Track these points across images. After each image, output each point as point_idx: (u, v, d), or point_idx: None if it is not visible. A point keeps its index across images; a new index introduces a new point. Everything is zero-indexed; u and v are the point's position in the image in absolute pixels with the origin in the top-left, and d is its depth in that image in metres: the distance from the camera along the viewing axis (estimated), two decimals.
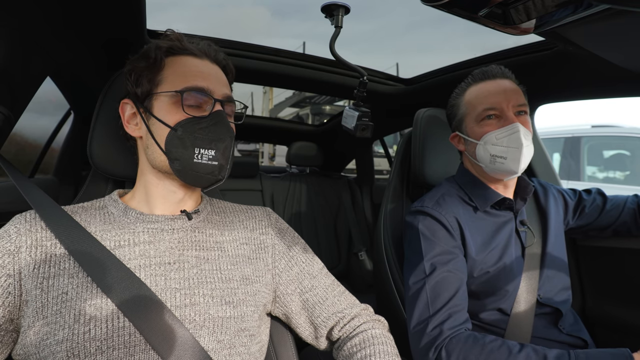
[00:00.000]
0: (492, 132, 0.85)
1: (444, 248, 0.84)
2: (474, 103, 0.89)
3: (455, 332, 0.76)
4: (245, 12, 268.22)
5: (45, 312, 0.52)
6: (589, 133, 3.83)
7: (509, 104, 0.84)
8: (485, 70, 0.90)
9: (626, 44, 0.68)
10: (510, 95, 0.85)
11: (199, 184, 0.63)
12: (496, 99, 0.85)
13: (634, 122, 7.36)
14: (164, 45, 0.64)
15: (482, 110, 0.86)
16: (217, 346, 0.57)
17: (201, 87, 0.61)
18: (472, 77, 0.92)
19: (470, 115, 0.89)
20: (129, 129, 0.65)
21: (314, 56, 1.30)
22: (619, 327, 1.07)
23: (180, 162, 0.60)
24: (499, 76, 0.88)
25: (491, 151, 0.85)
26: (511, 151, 0.82)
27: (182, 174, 0.61)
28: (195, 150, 0.59)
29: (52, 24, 0.74)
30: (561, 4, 0.48)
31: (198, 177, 0.61)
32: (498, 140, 0.84)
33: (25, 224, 0.57)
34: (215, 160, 0.60)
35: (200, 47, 0.66)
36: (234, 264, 0.66)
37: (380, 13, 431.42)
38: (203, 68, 0.64)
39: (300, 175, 2.23)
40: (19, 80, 0.77)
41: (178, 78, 0.62)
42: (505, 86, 0.86)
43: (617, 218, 1.00)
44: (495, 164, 0.85)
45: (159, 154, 0.62)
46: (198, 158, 0.59)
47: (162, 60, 0.63)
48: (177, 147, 0.60)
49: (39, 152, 1.35)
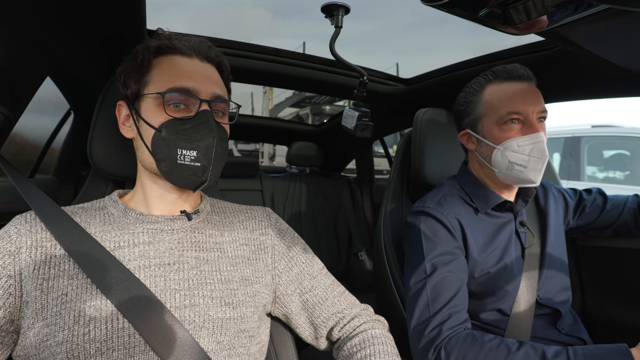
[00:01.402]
0: (514, 138, 0.81)
1: (445, 248, 0.84)
2: (496, 104, 0.84)
3: (454, 332, 0.76)
4: (246, 13, 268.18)
5: (45, 313, 0.52)
6: (589, 133, 3.83)
7: (534, 111, 0.81)
8: (510, 69, 0.84)
9: (626, 44, 0.68)
10: (536, 101, 0.81)
11: (185, 186, 0.61)
12: (521, 104, 0.81)
13: (634, 122, 7.37)
14: (153, 45, 0.63)
15: (505, 114, 0.82)
16: (217, 347, 0.57)
17: (186, 87, 0.60)
18: (493, 74, 0.86)
19: (490, 116, 0.85)
20: (123, 130, 0.65)
21: (314, 56, 1.30)
22: (619, 327, 1.07)
23: (166, 164, 0.59)
24: (525, 78, 0.83)
25: (510, 158, 0.81)
26: (533, 161, 0.79)
27: (168, 175, 0.60)
28: (178, 151, 0.58)
29: (52, 24, 0.73)
30: (561, 4, 0.48)
31: (183, 178, 0.60)
32: (520, 148, 0.80)
33: (26, 225, 0.57)
34: (198, 161, 0.59)
35: (191, 45, 0.64)
36: (234, 265, 0.65)
37: (380, 13, 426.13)
38: (190, 67, 0.63)
39: (300, 175, 2.23)
40: (19, 80, 0.77)
41: (164, 79, 0.61)
42: (531, 90, 0.83)
43: (618, 218, 1.00)
44: (513, 171, 0.82)
45: (147, 155, 0.62)
46: (181, 159, 0.59)
47: (150, 61, 0.63)
48: (162, 148, 0.59)
49: (39, 152, 1.35)
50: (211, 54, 0.66)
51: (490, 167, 0.87)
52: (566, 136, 3.89)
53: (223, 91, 0.66)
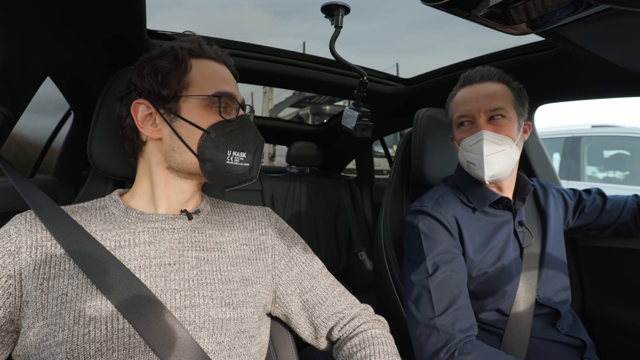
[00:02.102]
0: (466, 138, 0.87)
1: (445, 247, 0.85)
2: (453, 109, 0.92)
3: (469, 338, 0.77)
4: (246, 13, 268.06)
5: (45, 313, 0.52)
6: (589, 133, 3.83)
7: (480, 110, 0.85)
8: (467, 75, 0.91)
9: (626, 44, 0.68)
10: (482, 101, 0.85)
11: (226, 184, 0.64)
12: (468, 106, 0.87)
13: (634, 122, 7.36)
14: (187, 47, 0.64)
15: (457, 117, 0.90)
16: (217, 348, 0.57)
17: (230, 92, 0.64)
18: (459, 81, 0.93)
19: (453, 120, 0.93)
20: (145, 130, 0.63)
21: (314, 56, 1.30)
22: (619, 327, 1.07)
23: (213, 164, 0.61)
24: (476, 81, 0.89)
25: (466, 157, 0.87)
26: (477, 158, 0.84)
27: (212, 175, 0.62)
28: (227, 152, 0.61)
29: (52, 23, 0.73)
30: (561, 3, 0.48)
31: (228, 177, 0.62)
32: (470, 147, 0.86)
33: (26, 224, 0.57)
34: (247, 162, 0.62)
35: (215, 52, 0.67)
36: (234, 265, 0.65)
37: (380, 13, 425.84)
38: (224, 73, 0.67)
39: (300, 175, 2.23)
40: (19, 80, 0.77)
41: (207, 82, 0.63)
42: (480, 91, 0.87)
43: (617, 218, 1.00)
44: (470, 168, 0.88)
45: (189, 156, 0.62)
46: (230, 160, 0.61)
47: (188, 61, 0.63)
48: (211, 149, 0.61)
49: (39, 152, 1.35)
50: (228, 61, 0.70)
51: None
52: (566, 136, 3.89)
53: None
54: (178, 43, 0.65)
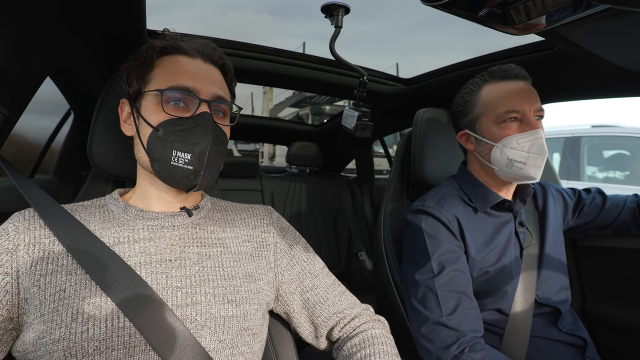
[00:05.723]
0: (513, 135, 0.82)
1: (449, 246, 0.85)
2: (494, 103, 0.85)
3: (478, 339, 0.77)
4: (246, 16, 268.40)
5: (42, 309, 0.52)
6: (589, 133, 3.83)
7: (531, 108, 0.82)
8: (506, 69, 0.86)
9: (626, 44, 0.68)
10: (533, 99, 0.83)
11: (176, 187, 0.61)
12: (519, 102, 0.82)
13: (634, 122, 7.37)
14: (158, 44, 0.63)
15: (503, 112, 0.83)
16: (219, 346, 0.57)
17: (186, 86, 0.59)
18: (489, 74, 0.88)
19: (488, 115, 0.86)
20: (124, 128, 0.66)
21: (314, 56, 1.30)
22: (619, 327, 1.07)
23: (159, 163, 0.59)
24: (520, 77, 0.85)
25: (509, 155, 0.83)
26: (532, 157, 0.81)
27: (160, 175, 0.60)
28: (172, 152, 0.58)
29: (52, 24, 0.73)
30: (561, 3, 0.48)
31: (175, 179, 0.59)
32: (519, 145, 0.82)
33: (24, 222, 0.57)
34: (190, 164, 0.58)
35: (195, 46, 0.64)
36: (237, 260, 0.65)
37: (381, 13, 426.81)
38: (192, 67, 0.62)
39: (300, 175, 2.23)
40: (19, 80, 0.77)
41: (165, 77, 0.61)
42: (527, 89, 0.84)
43: (617, 217, 1.00)
44: (513, 168, 0.83)
45: (142, 154, 0.61)
46: (175, 161, 0.58)
47: (153, 59, 0.63)
48: (157, 147, 0.59)
49: (39, 152, 1.35)
50: (215, 55, 0.66)
51: (490, 166, 0.87)
52: (566, 136, 3.89)
53: (225, 92, 0.65)
54: (152, 42, 0.64)
